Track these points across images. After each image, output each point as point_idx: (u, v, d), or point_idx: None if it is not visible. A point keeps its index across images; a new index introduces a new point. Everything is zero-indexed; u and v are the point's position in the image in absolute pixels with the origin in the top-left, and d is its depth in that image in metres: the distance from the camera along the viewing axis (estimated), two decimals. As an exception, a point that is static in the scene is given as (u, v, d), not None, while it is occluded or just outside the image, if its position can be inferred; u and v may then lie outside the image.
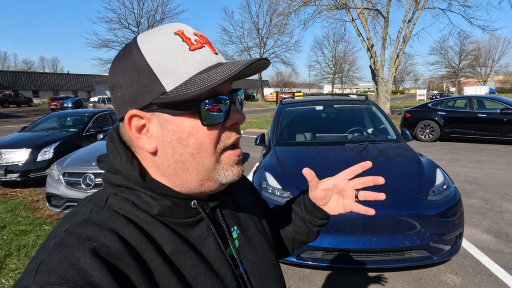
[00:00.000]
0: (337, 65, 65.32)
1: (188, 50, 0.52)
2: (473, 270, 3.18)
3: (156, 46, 0.52)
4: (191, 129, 0.53)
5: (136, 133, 0.55)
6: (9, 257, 3.55)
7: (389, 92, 18.40)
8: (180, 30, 0.54)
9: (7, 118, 24.86)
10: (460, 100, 11.28)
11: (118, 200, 0.55)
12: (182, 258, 0.54)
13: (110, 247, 0.48)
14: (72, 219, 0.52)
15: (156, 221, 0.55)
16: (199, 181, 0.57)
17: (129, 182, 0.55)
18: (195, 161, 0.55)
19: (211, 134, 0.54)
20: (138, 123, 0.54)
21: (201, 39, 0.55)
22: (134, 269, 0.48)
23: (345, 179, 0.79)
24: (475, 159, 8.14)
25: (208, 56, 0.54)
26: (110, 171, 0.57)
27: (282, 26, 21.47)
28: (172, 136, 0.54)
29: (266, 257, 0.70)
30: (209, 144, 0.55)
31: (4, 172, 6.09)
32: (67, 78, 51.22)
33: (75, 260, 0.45)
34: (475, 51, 54.08)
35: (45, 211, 4.99)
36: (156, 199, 0.55)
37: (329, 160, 3.71)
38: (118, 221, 0.52)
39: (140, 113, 0.54)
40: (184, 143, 0.54)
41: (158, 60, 0.51)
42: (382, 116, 4.73)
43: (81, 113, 8.19)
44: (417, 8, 17.48)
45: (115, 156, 0.57)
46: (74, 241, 0.47)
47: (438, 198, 2.99)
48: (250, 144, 10.98)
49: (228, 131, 0.57)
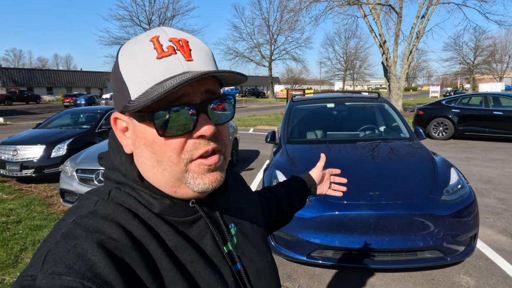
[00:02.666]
0: (348, 62, 64.70)
1: (155, 58, 0.51)
2: (487, 271, 3.11)
3: (128, 54, 0.54)
4: (154, 136, 0.53)
5: (120, 133, 0.58)
6: (25, 251, 3.63)
7: (401, 89, 18.14)
8: (156, 36, 0.53)
9: (22, 114, 25.41)
10: (475, 97, 11.03)
11: (121, 194, 0.57)
12: (183, 254, 0.55)
13: (116, 240, 0.49)
14: (78, 211, 0.53)
15: (157, 218, 0.56)
16: (170, 187, 0.56)
17: (129, 180, 0.57)
18: (161, 167, 0.54)
19: (172, 144, 0.53)
20: (121, 125, 0.58)
21: (176, 45, 0.53)
22: (140, 263, 0.49)
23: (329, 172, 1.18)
24: (490, 157, 7.96)
25: (173, 65, 0.51)
26: (111, 169, 0.59)
27: (293, 22, 21.37)
28: (140, 141, 0.55)
29: (262, 253, 0.72)
30: (171, 154, 0.53)
31: (19, 168, 6.23)
32: (80, 75, 52.03)
33: (82, 252, 0.45)
34: (491, 47, 52.75)
35: (59, 207, 5.09)
36: (156, 199, 0.57)
37: (340, 158, 3.67)
38: (124, 214, 0.53)
39: (120, 116, 0.57)
40: (150, 149, 0.54)
41: (127, 68, 0.53)
42: (394, 113, 4.66)
43: (94, 110, 8.29)
44: (431, 3, 17.15)
45: (115, 154, 0.60)
46: (82, 232, 0.48)
47: (452, 198, 2.93)
48: (260, 141, 10.98)
49: (196, 142, 0.54)
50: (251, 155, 8.98)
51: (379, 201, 2.84)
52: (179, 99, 0.52)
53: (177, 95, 0.52)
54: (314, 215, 2.83)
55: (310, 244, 2.85)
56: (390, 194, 2.91)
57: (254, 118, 19.89)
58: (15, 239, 3.92)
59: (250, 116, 21.03)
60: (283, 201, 1.06)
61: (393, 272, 3.09)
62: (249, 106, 33.27)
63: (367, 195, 2.88)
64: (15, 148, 6.35)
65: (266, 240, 0.78)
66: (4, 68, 45.73)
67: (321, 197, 2.92)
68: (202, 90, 0.54)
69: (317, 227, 2.83)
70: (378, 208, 2.78)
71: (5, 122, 19.23)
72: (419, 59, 63.90)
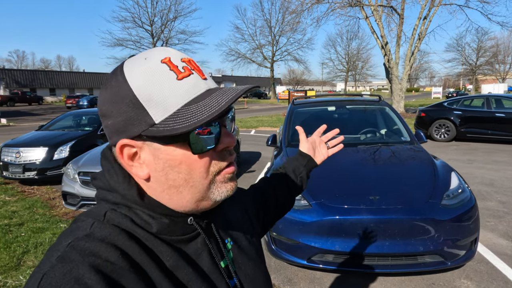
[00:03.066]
0: (350, 63, 64.59)
1: (176, 79, 0.51)
2: (488, 276, 3.11)
3: (142, 77, 0.51)
4: (183, 156, 0.53)
5: (128, 161, 0.55)
6: (27, 254, 3.65)
7: (403, 90, 18.11)
8: (167, 57, 0.53)
9: (25, 116, 25.52)
10: (477, 99, 11.01)
11: (117, 215, 0.55)
12: (181, 273, 0.55)
13: (113, 263, 0.48)
14: (74, 234, 0.52)
15: (155, 238, 0.56)
16: (194, 203, 0.57)
17: (126, 201, 0.55)
18: (188, 185, 0.55)
19: (203, 161, 0.55)
20: (129, 152, 0.55)
21: (189, 65, 0.54)
22: (139, 285, 0.48)
23: (317, 135, 1.14)
24: (493, 160, 7.94)
25: (196, 84, 0.53)
26: (107, 189, 0.57)
27: (295, 23, 21.37)
28: (164, 164, 0.54)
29: (258, 266, 0.73)
30: (202, 169, 0.55)
31: (22, 170, 6.26)
32: (83, 76, 52.19)
33: (78, 276, 0.45)
34: (493, 48, 52.56)
35: (61, 209, 5.11)
36: (155, 218, 0.56)
37: (341, 161, 3.67)
38: (121, 236, 0.52)
39: (131, 142, 0.54)
40: (176, 169, 0.54)
41: (145, 91, 0.51)
42: (395, 117, 4.66)
43: (96, 112, 8.32)
44: (433, 5, 17.13)
45: (111, 175, 0.57)
46: (78, 256, 0.47)
47: (452, 202, 2.93)
48: (261, 143, 10.98)
49: (221, 154, 0.57)
50: (252, 157, 8.98)
51: (380, 205, 2.84)
52: None
53: None
54: (315, 219, 2.84)
55: (310, 248, 2.85)
56: (390, 198, 2.92)
57: (255, 119, 19.90)
58: (17, 241, 3.95)
59: (252, 117, 21.03)
60: (279, 187, 1.04)
61: (393, 277, 3.10)
62: (251, 107, 33.27)
63: (368, 200, 2.89)
64: (18, 150, 6.39)
65: (261, 251, 0.79)
66: (7, 69, 45.97)
67: (322, 201, 2.93)
68: None
69: (318, 232, 2.84)
70: (378, 213, 2.78)
71: (8, 123, 19.32)
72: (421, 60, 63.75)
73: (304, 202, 2.98)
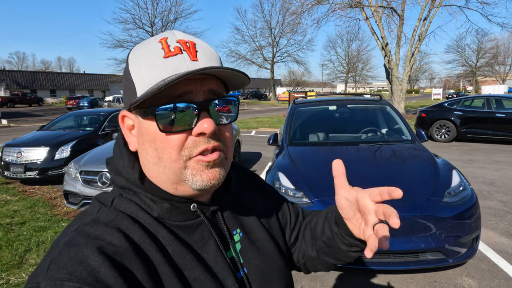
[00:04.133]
0: (350, 64, 64.71)
1: (162, 57, 0.53)
2: (490, 273, 3.12)
3: (137, 54, 0.56)
4: (156, 133, 0.54)
5: (127, 131, 0.61)
6: (29, 252, 3.66)
7: (403, 92, 18.12)
8: (165, 37, 0.55)
9: (26, 117, 25.54)
10: (478, 100, 11.02)
11: (123, 201, 0.58)
12: (183, 259, 0.55)
13: (116, 245, 0.50)
14: (82, 218, 0.55)
15: (157, 222, 0.57)
16: (171, 184, 0.57)
17: (130, 184, 0.58)
18: (162, 164, 0.55)
19: (174, 141, 0.53)
20: (128, 123, 0.60)
21: (182, 46, 0.54)
22: (139, 267, 0.50)
23: (369, 198, 0.59)
24: (493, 160, 7.95)
25: (178, 64, 0.52)
26: (115, 173, 0.61)
27: (295, 25, 21.39)
28: (144, 138, 0.57)
29: (271, 260, 0.69)
30: (171, 150, 0.54)
31: (23, 170, 6.27)
32: (83, 77, 52.25)
33: (83, 258, 0.47)
34: (493, 49, 52.58)
35: (63, 208, 5.12)
36: (156, 202, 0.57)
37: (342, 160, 3.67)
38: (125, 220, 0.55)
39: (128, 114, 0.59)
40: (153, 146, 0.55)
41: (135, 67, 0.55)
42: (396, 116, 4.68)
43: (97, 112, 8.34)
44: (433, 6, 17.15)
45: (118, 158, 0.61)
46: (83, 240, 0.50)
47: (454, 200, 2.94)
48: (262, 143, 11.00)
49: (196, 139, 0.54)
50: (253, 157, 9.00)
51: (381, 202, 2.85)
52: (182, 96, 0.53)
53: (180, 92, 0.53)
54: (316, 216, 2.85)
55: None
56: (392, 196, 2.92)
57: (256, 120, 19.91)
58: (19, 240, 3.95)
59: (252, 118, 21.05)
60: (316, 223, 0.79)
61: (395, 274, 3.10)
62: (251, 109, 33.30)
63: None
64: (19, 150, 6.40)
65: (279, 247, 0.73)
66: (7, 70, 46.00)
67: (323, 199, 2.93)
68: (205, 89, 0.55)
69: (319, 229, 2.84)
70: (380, 210, 2.78)
71: (9, 124, 19.34)
72: (422, 62, 63.89)
73: (305, 199, 2.99)
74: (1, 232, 4.15)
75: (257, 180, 0.83)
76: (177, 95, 0.53)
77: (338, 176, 0.64)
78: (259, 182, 0.83)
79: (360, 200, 0.59)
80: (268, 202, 0.80)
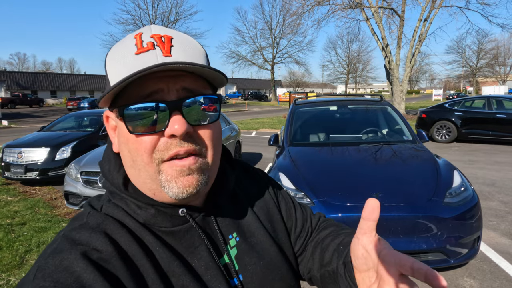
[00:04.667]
0: (351, 65, 64.76)
1: (133, 53, 0.50)
2: (491, 274, 3.11)
3: (113, 51, 0.54)
4: (127, 134, 0.52)
5: (112, 132, 0.59)
6: (29, 253, 3.66)
7: (404, 92, 18.12)
8: (140, 33, 0.52)
9: (26, 117, 25.56)
10: (478, 100, 11.01)
11: (111, 206, 0.57)
12: (170, 266, 0.53)
13: (100, 251, 0.49)
14: (72, 223, 0.54)
15: (143, 228, 0.55)
16: (149, 190, 0.54)
17: (115, 189, 0.57)
18: (137, 167, 0.53)
19: (144, 143, 0.51)
20: (112, 123, 0.59)
21: (156, 41, 0.51)
22: (125, 272, 0.48)
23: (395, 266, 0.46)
24: (494, 160, 7.94)
25: (148, 60, 0.49)
26: (104, 177, 0.60)
27: (296, 26, 21.42)
28: (120, 139, 0.55)
29: (274, 266, 0.64)
30: (143, 152, 0.51)
31: (24, 171, 6.27)
32: (84, 78, 52.32)
33: (68, 264, 0.46)
34: (494, 50, 52.63)
35: (63, 209, 5.12)
36: (141, 207, 0.55)
37: (343, 161, 3.68)
38: (112, 225, 0.53)
39: (110, 114, 0.57)
40: (127, 147, 0.53)
41: (110, 64, 0.54)
42: (397, 116, 4.67)
43: (97, 113, 8.34)
44: (433, 7, 17.16)
45: (106, 162, 0.60)
46: (68, 246, 0.49)
47: (455, 200, 2.93)
48: (263, 144, 11.00)
49: (168, 141, 0.51)
50: (253, 158, 9.00)
51: (382, 203, 2.84)
52: (152, 95, 0.50)
53: (150, 91, 0.50)
54: (317, 217, 2.84)
55: (313, 246, 2.85)
56: (393, 196, 2.92)
57: (256, 121, 19.92)
58: (20, 240, 3.95)
59: (253, 119, 21.05)
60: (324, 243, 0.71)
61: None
62: (252, 109, 33.31)
63: (370, 197, 2.89)
64: (20, 150, 6.40)
65: (282, 250, 0.68)
66: (8, 71, 46.06)
67: (324, 199, 2.93)
68: (178, 87, 0.51)
69: (320, 229, 2.84)
70: (381, 210, 2.74)
71: (9, 125, 19.36)
72: (422, 62, 63.93)
73: (306, 200, 2.99)
74: (1, 233, 4.14)
75: (262, 178, 0.78)
76: (147, 94, 0.50)
77: (367, 219, 0.50)
78: (264, 181, 0.77)
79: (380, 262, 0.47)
80: (273, 203, 0.74)
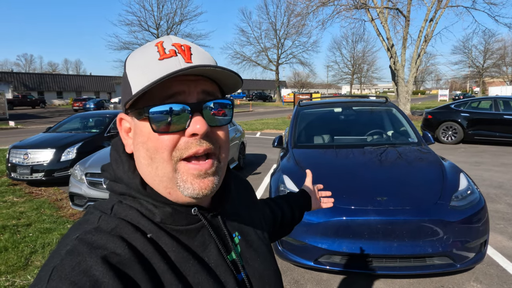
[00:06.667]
0: (355, 65, 64.53)
1: (157, 59, 0.54)
2: (498, 279, 3.06)
3: (134, 58, 0.57)
4: (149, 133, 0.54)
5: (124, 134, 0.61)
6: (35, 254, 3.68)
7: (409, 93, 18.01)
8: (161, 41, 0.56)
9: (33, 118, 25.80)
10: (485, 101, 10.91)
11: (123, 208, 0.57)
12: (186, 265, 0.55)
13: (119, 255, 0.49)
14: (82, 227, 0.53)
15: (159, 229, 0.56)
16: (164, 188, 0.56)
17: (131, 190, 0.58)
18: (154, 165, 0.55)
19: (166, 141, 0.54)
20: (125, 126, 0.61)
21: (177, 48, 0.55)
22: (143, 276, 0.49)
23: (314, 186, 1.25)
24: (501, 162, 7.85)
25: (172, 65, 0.53)
26: (114, 180, 0.60)
27: (300, 26, 21.39)
28: (138, 139, 0.57)
29: (267, 262, 0.72)
30: (163, 150, 0.54)
31: (30, 171, 6.32)
32: (89, 79, 52.73)
33: (87, 268, 0.46)
34: (500, 50, 52.06)
35: (68, 210, 5.15)
36: (158, 207, 0.57)
37: (348, 163, 3.66)
38: (127, 228, 0.54)
39: (125, 117, 0.60)
40: (145, 146, 0.55)
41: (132, 70, 0.56)
42: (402, 118, 4.63)
43: (103, 114, 8.39)
44: (439, 7, 17.03)
45: (118, 164, 0.61)
46: (86, 249, 0.48)
47: (461, 203, 2.89)
48: (267, 145, 10.99)
49: (188, 140, 0.54)
50: (258, 159, 8.98)
51: (387, 206, 2.82)
52: (175, 96, 0.54)
53: (172, 92, 0.54)
54: (322, 220, 2.83)
55: (317, 249, 2.83)
56: (398, 199, 2.89)
57: (261, 122, 19.91)
58: (25, 242, 3.97)
59: (257, 120, 21.04)
60: (285, 212, 1.07)
61: (401, 279, 3.06)
62: (256, 110, 33.30)
63: (375, 201, 2.87)
64: (25, 151, 6.45)
65: (270, 248, 0.78)
66: (15, 72, 46.62)
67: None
68: (199, 90, 0.55)
69: (325, 233, 2.82)
70: (386, 214, 2.76)
71: (16, 126, 19.55)
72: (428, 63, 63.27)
73: (311, 203, 2.97)
74: (7, 234, 4.17)
75: (246, 184, 0.87)
76: (170, 95, 0.53)
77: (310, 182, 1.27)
78: (247, 186, 0.87)
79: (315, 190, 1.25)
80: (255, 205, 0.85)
